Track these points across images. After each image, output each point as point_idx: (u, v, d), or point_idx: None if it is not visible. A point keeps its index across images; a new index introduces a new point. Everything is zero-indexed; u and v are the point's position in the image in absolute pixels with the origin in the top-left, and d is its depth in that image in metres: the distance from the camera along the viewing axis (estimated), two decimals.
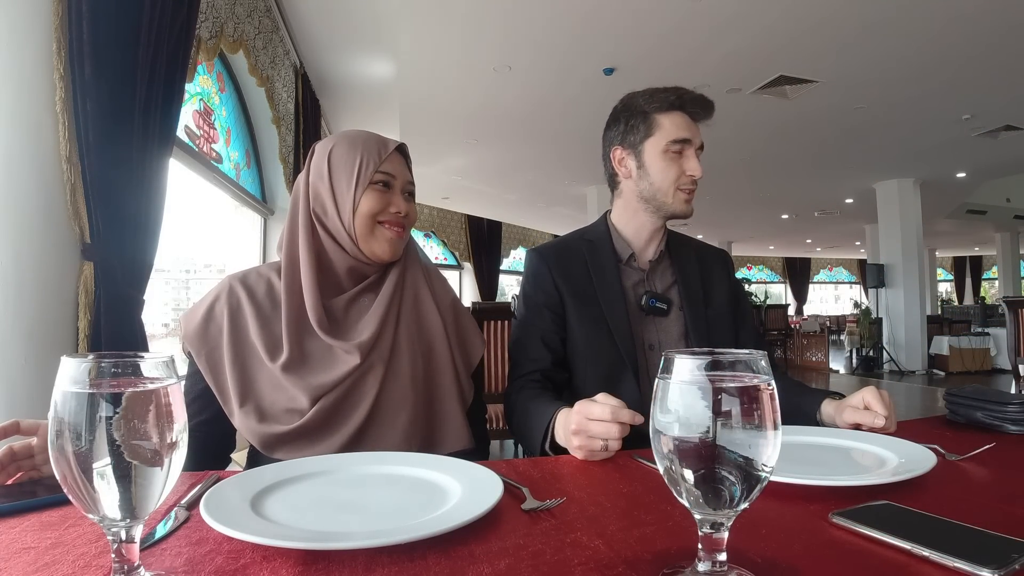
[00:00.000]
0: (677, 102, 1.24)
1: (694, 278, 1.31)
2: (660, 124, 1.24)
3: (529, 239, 13.11)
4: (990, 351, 8.62)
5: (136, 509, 0.44)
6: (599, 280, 1.27)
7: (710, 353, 0.45)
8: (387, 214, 1.03)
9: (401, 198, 1.05)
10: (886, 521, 0.55)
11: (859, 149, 7.26)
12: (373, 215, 1.01)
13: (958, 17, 4.05)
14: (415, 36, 4.43)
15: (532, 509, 0.62)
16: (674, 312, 1.28)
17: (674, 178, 1.23)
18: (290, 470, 0.72)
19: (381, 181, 1.03)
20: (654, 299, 1.26)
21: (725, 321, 1.31)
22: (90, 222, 1.53)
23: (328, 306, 1.01)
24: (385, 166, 1.03)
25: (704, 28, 4.24)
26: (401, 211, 1.04)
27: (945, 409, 1.05)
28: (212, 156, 3.20)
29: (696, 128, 1.25)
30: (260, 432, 0.92)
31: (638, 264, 1.31)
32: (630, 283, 1.29)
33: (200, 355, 0.97)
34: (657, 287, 1.30)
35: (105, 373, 0.45)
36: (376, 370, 0.98)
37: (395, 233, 1.03)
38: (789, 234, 14.62)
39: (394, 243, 1.04)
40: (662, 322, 1.27)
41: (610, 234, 1.33)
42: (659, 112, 1.24)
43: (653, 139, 1.24)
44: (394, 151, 1.05)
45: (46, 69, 1.46)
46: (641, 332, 1.26)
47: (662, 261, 1.33)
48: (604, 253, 1.30)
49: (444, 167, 8.24)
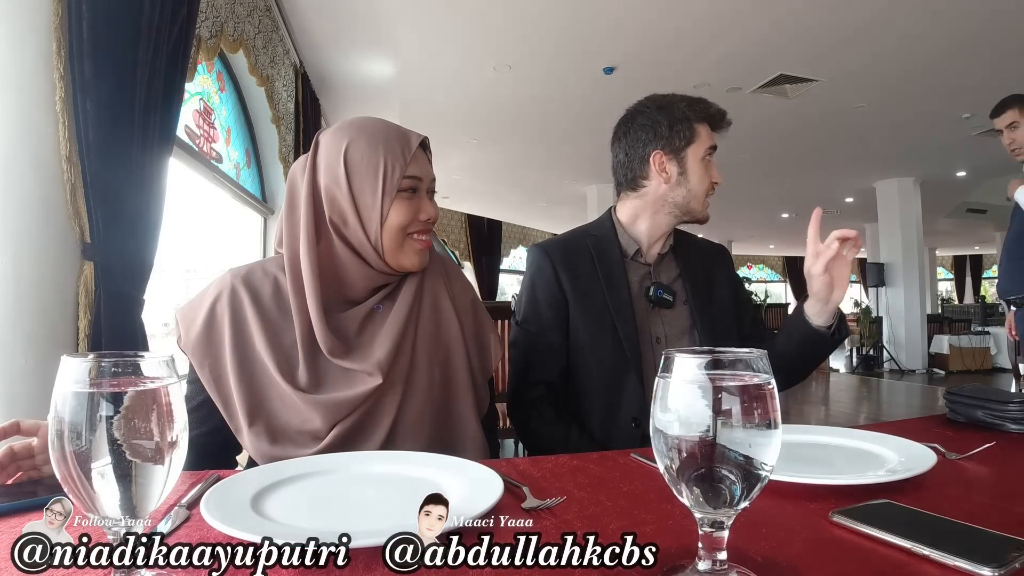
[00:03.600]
0: (711, 113, 1.30)
1: (698, 272, 1.33)
2: (698, 133, 1.28)
3: (529, 238, 13.11)
4: (990, 350, 8.62)
5: (136, 509, 0.44)
6: (605, 275, 1.27)
7: (710, 352, 0.45)
8: (416, 223, 0.93)
9: (428, 201, 0.95)
10: (886, 520, 0.55)
11: (859, 148, 7.25)
12: (403, 227, 0.92)
13: (958, 16, 4.04)
14: (415, 35, 4.43)
15: (532, 508, 0.62)
16: (679, 305, 1.30)
17: (707, 186, 1.29)
18: (290, 470, 0.72)
19: (409, 188, 0.92)
20: (660, 290, 1.27)
21: (729, 314, 1.34)
22: (90, 222, 1.53)
23: (340, 324, 0.91)
24: (411, 168, 0.92)
25: (704, 27, 4.24)
26: (431, 217, 0.95)
27: (945, 408, 1.05)
28: (212, 156, 3.19)
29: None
30: (273, 455, 0.83)
31: (644, 259, 1.33)
32: (636, 277, 1.30)
33: (203, 367, 0.88)
34: (663, 280, 1.31)
35: (105, 373, 0.45)
36: (395, 389, 0.89)
37: (423, 243, 0.95)
38: (789, 233, 14.60)
39: (423, 254, 0.96)
40: (668, 315, 1.29)
41: (615, 230, 1.33)
42: (697, 121, 1.28)
43: (694, 147, 1.27)
44: (419, 147, 0.95)
45: (46, 69, 1.46)
46: (648, 325, 1.27)
47: (667, 256, 1.35)
48: (610, 249, 1.31)
49: (444, 166, 8.22)
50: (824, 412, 5.77)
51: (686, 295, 1.30)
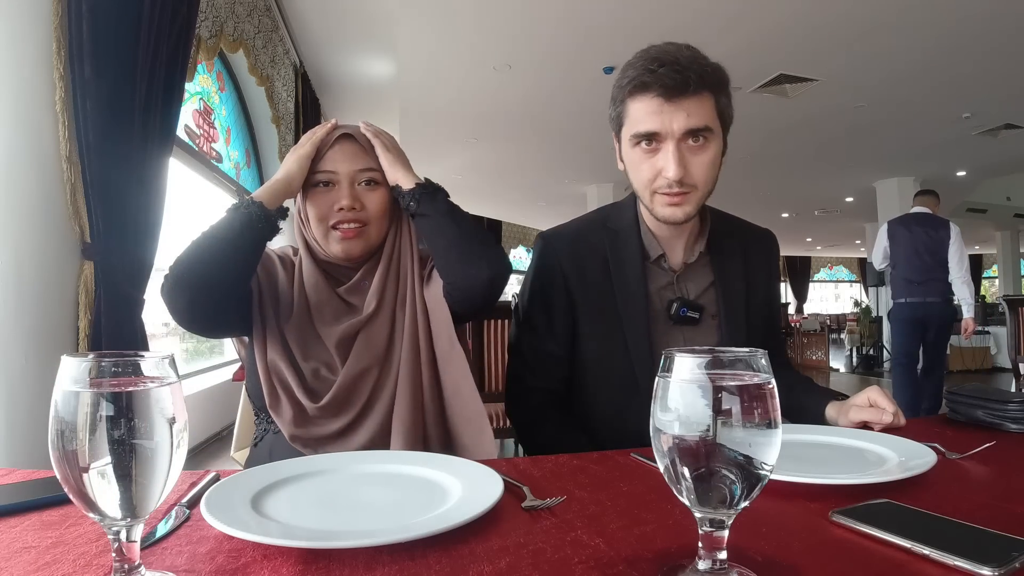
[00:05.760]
0: (640, 86, 0.95)
1: (736, 279, 1.12)
2: (628, 111, 0.99)
3: (529, 238, 13.10)
4: (990, 350, 8.61)
5: (137, 508, 0.44)
6: (619, 281, 1.09)
7: (710, 351, 0.45)
8: (335, 214, 0.99)
9: (348, 192, 0.99)
10: (886, 519, 0.55)
11: (859, 148, 7.25)
12: (322, 219, 0.99)
13: (958, 16, 4.04)
14: (415, 35, 4.43)
15: (532, 507, 0.62)
16: (707, 319, 1.10)
17: (647, 180, 1.00)
18: (290, 469, 0.72)
19: (319, 182, 1.00)
20: (685, 307, 1.07)
21: (761, 330, 1.13)
22: (90, 222, 1.53)
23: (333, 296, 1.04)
24: (322, 163, 0.99)
25: (704, 27, 4.24)
26: (344, 206, 0.98)
27: (945, 407, 1.05)
28: (212, 155, 3.19)
29: (678, 115, 0.94)
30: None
31: (669, 265, 1.11)
32: (656, 287, 1.10)
33: None
34: (690, 292, 1.11)
35: (105, 372, 0.45)
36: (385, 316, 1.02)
37: (344, 232, 0.99)
38: (789, 233, 14.61)
39: (347, 243, 1.00)
40: (691, 332, 1.09)
41: (639, 225, 1.11)
42: (629, 96, 0.98)
43: (625, 128, 1.01)
44: (338, 142, 1.00)
45: (46, 69, 1.46)
46: (666, 341, 1.08)
47: (699, 260, 1.12)
48: (629, 249, 1.10)
49: (444, 166, 8.23)
50: None
51: (716, 308, 1.10)
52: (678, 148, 0.96)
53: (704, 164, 0.98)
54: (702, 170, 0.98)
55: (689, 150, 0.97)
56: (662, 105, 0.95)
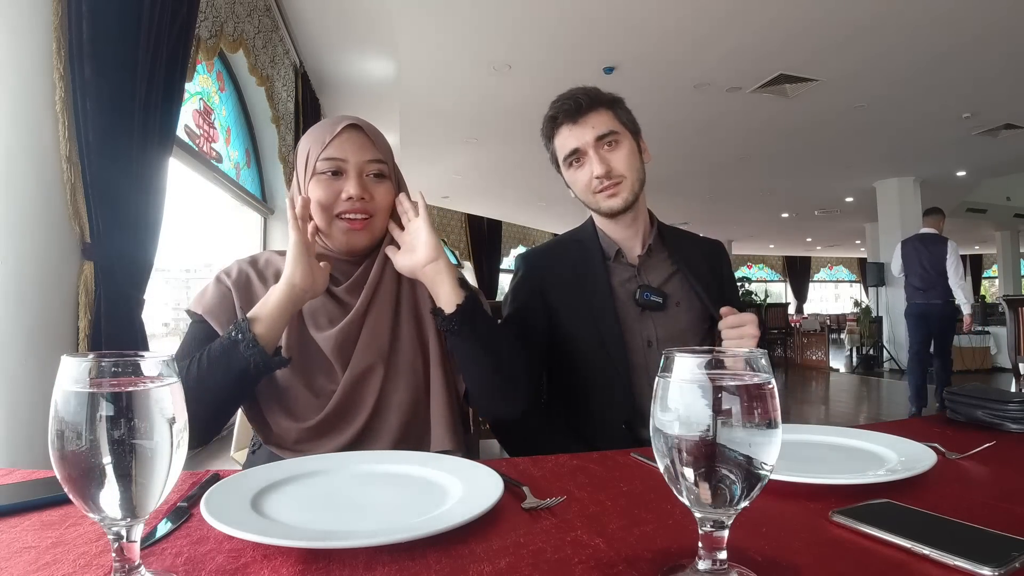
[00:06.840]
0: (553, 122, 1.25)
1: (693, 271, 1.28)
2: (555, 148, 1.28)
3: (529, 239, 13.11)
4: (990, 350, 8.61)
5: (136, 508, 0.44)
6: (585, 279, 1.26)
7: (710, 351, 0.45)
8: (341, 203, 0.96)
9: (355, 182, 0.96)
10: (886, 519, 0.55)
11: (859, 148, 7.25)
12: (324, 207, 0.96)
13: (958, 16, 4.04)
14: (415, 35, 4.43)
15: (532, 508, 0.62)
16: (672, 307, 1.25)
17: (584, 185, 1.24)
18: (290, 469, 0.72)
19: (327, 170, 0.96)
20: (648, 292, 1.23)
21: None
22: (90, 222, 1.52)
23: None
24: (330, 151, 0.95)
25: (704, 27, 4.24)
26: (353, 195, 0.95)
27: (945, 407, 1.05)
28: (212, 155, 3.19)
29: (586, 129, 1.21)
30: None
31: (627, 260, 1.29)
32: (619, 280, 1.27)
33: (212, 316, 0.98)
34: (651, 281, 1.27)
35: (105, 372, 0.45)
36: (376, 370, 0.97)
37: (350, 223, 0.96)
38: (789, 233, 14.61)
39: (351, 234, 0.97)
40: (661, 317, 1.24)
41: (596, 233, 1.32)
42: (550, 134, 1.28)
43: (558, 158, 1.29)
44: (346, 131, 0.97)
45: (46, 69, 1.46)
46: (638, 329, 1.23)
47: (656, 254, 1.30)
48: (591, 252, 1.29)
49: (444, 166, 8.22)
50: (824, 412, 5.77)
51: (681, 295, 1.26)
52: (597, 152, 1.21)
53: (622, 157, 1.22)
54: (622, 162, 1.22)
55: (606, 151, 1.22)
56: (571, 128, 1.23)
